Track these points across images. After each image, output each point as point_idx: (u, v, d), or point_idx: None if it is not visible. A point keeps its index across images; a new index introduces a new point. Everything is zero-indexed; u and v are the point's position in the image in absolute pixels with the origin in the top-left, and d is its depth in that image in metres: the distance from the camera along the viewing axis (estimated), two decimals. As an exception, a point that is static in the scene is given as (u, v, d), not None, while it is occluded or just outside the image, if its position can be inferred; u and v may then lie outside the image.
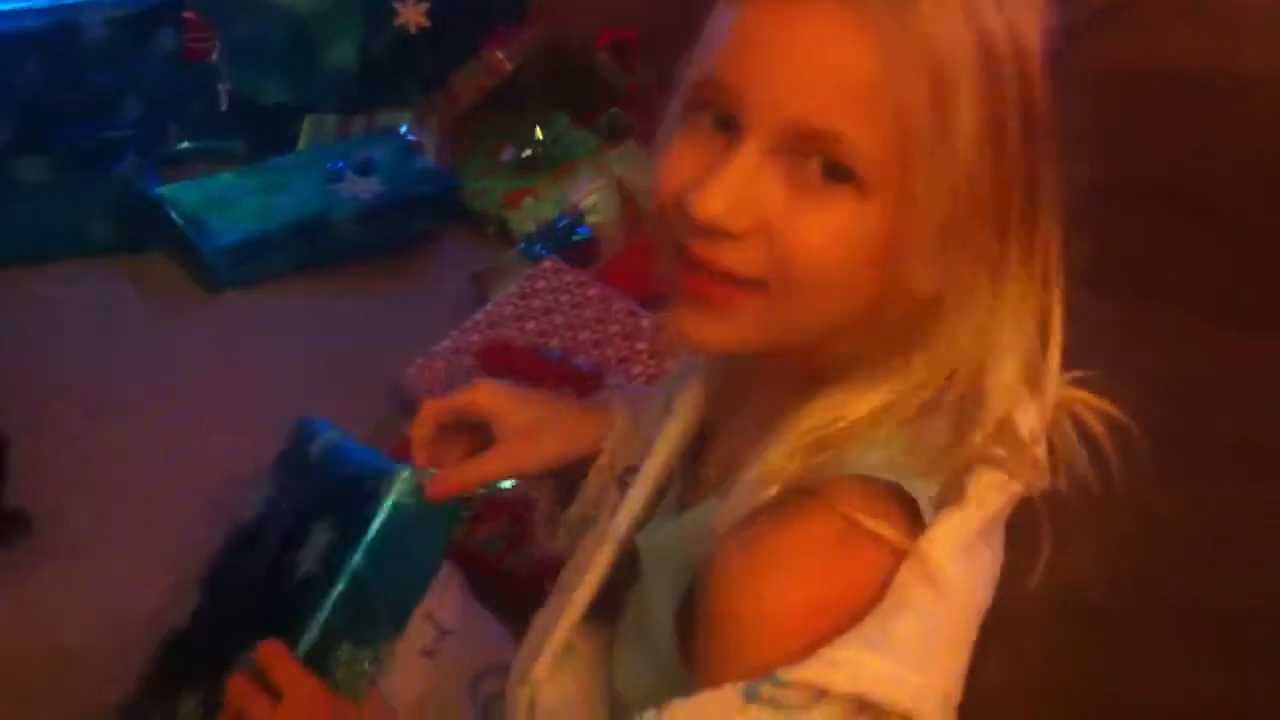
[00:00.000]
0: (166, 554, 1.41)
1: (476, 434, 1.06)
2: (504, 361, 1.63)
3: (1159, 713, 0.98)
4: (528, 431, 1.03)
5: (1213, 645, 0.90)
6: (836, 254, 0.74)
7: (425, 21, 2.28)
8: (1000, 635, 0.80)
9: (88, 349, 1.79)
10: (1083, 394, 0.84)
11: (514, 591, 1.29)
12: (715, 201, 0.74)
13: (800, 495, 0.76)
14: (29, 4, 1.95)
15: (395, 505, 1.02)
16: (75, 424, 1.64)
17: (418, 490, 1.03)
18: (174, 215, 1.98)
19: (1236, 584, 0.92)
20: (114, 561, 1.46)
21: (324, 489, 1.10)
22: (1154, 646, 0.91)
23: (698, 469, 0.91)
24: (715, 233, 0.74)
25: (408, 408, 1.68)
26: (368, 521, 1.02)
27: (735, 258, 0.75)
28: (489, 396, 1.05)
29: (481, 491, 1.06)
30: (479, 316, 1.77)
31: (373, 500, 1.03)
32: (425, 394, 1.65)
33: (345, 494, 1.07)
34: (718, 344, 0.79)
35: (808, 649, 0.73)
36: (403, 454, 1.08)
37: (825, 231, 0.73)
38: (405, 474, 1.03)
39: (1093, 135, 1.41)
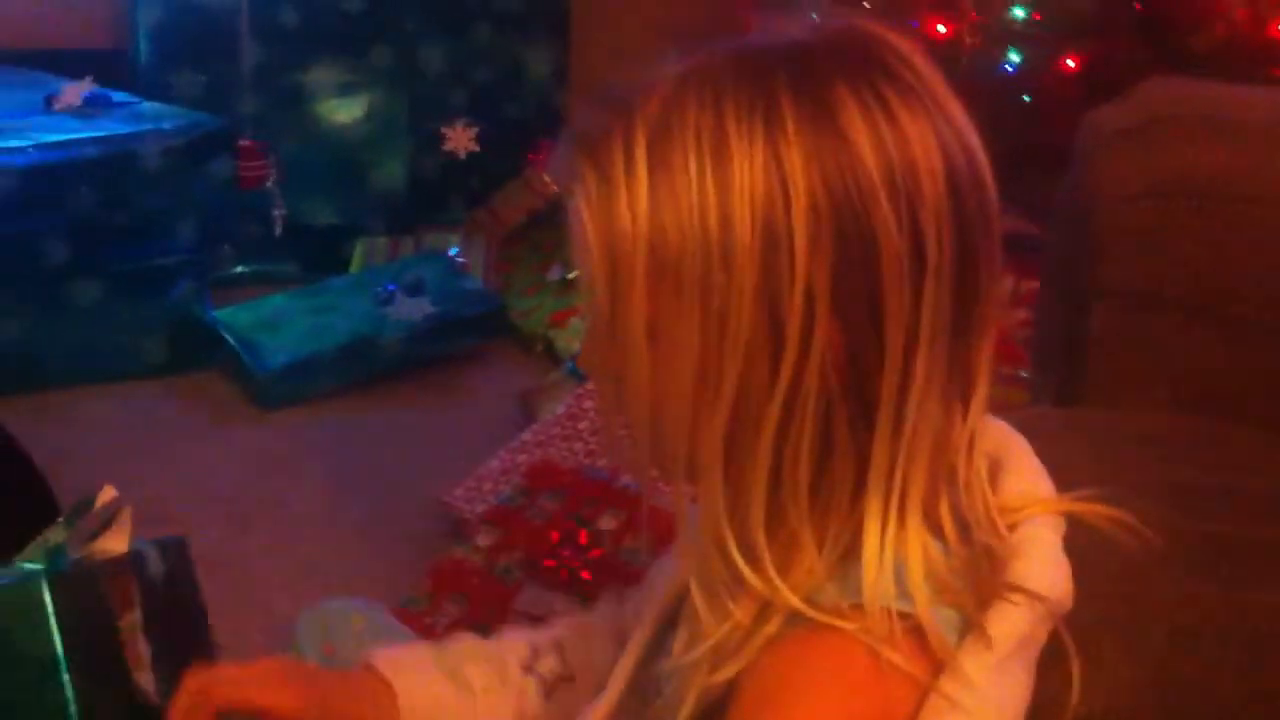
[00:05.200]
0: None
1: None
2: (551, 483, 1.64)
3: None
4: None
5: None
6: None
7: (475, 147, 2.33)
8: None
9: (139, 466, 1.80)
10: (1095, 507, 0.83)
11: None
12: None
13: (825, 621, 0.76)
14: (88, 133, 2.02)
15: None
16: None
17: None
18: (228, 337, 2.02)
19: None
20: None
21: None
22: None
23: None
24: None
25: (454, 526, 1.70)
26: None
27: None
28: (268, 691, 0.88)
29: None
30: (526, 436, 1.78)
31: None
32: (470, 514, 1.67)
33: None
34: None
35: None
36: (454, 575, 0.97)
37: None
38: None
39: (1119, 251, 1.42)
